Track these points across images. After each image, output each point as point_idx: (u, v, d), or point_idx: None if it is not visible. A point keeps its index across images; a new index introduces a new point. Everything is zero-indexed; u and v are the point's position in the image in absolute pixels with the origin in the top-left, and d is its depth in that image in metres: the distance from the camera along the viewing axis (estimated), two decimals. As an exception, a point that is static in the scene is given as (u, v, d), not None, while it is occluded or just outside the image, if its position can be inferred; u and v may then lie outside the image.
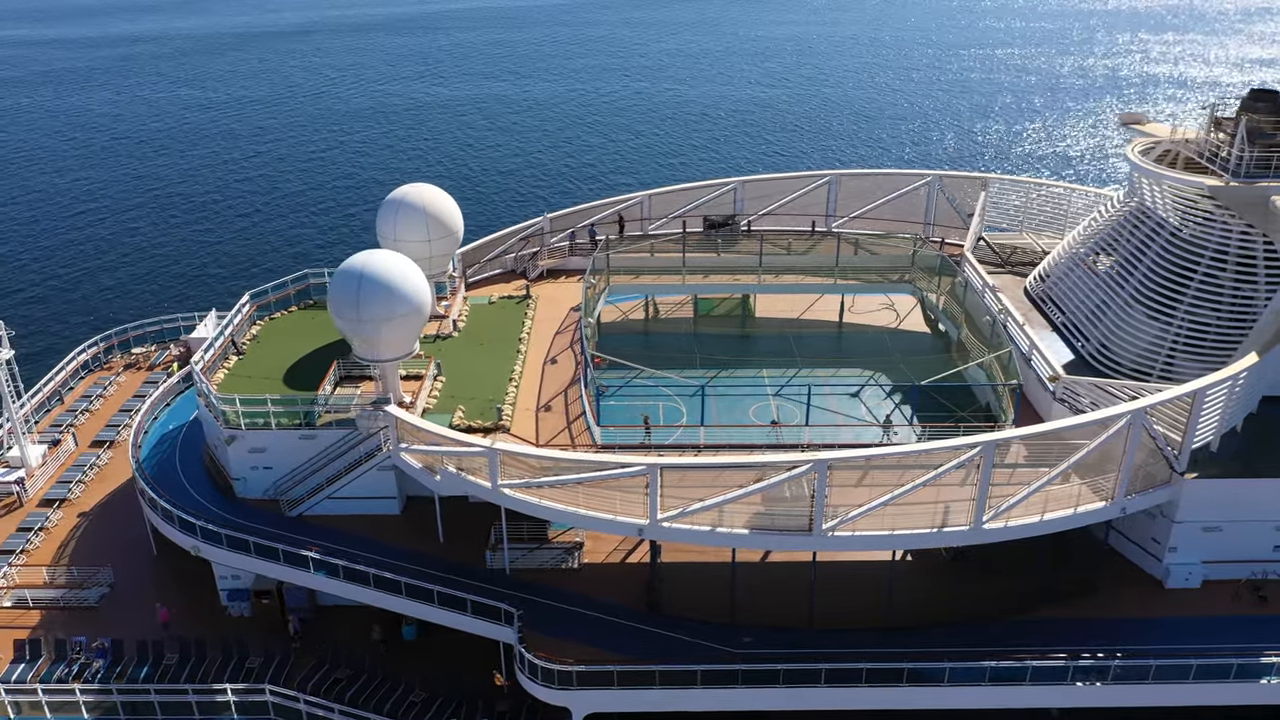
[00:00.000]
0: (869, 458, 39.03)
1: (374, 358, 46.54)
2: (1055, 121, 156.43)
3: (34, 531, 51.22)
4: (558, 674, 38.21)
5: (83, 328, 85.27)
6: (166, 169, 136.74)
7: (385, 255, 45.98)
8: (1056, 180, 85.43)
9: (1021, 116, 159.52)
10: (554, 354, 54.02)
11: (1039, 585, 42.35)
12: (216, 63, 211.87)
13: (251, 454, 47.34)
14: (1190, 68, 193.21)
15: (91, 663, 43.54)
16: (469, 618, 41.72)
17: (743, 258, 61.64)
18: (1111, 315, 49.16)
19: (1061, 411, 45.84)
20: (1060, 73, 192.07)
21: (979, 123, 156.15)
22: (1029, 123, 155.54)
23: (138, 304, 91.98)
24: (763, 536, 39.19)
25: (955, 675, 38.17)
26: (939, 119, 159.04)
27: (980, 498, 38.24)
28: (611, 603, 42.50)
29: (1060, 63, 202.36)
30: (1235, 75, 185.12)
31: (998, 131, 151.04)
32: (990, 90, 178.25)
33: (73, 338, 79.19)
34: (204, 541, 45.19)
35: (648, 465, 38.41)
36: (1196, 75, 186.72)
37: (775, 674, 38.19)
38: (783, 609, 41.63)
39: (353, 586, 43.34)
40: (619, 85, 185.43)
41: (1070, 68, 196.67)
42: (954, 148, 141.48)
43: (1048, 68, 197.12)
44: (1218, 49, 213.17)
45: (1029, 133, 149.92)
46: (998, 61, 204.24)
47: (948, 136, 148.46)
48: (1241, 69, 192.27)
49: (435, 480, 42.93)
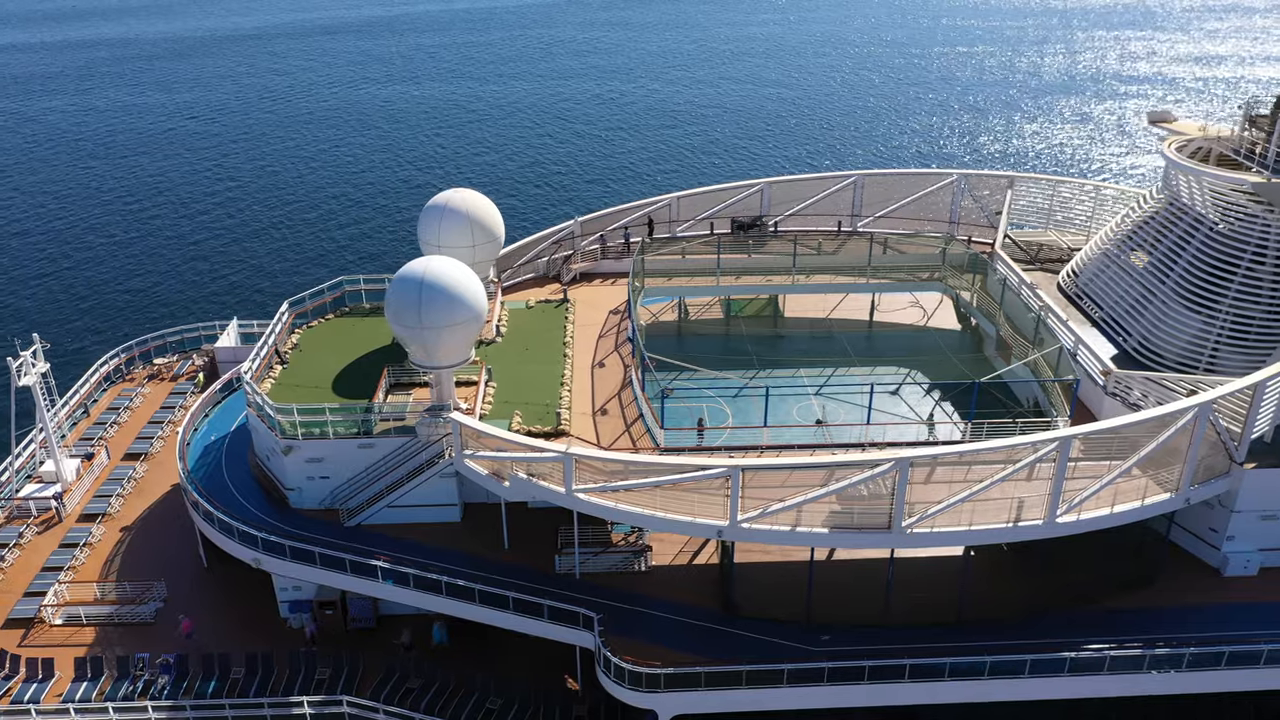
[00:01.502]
0: (951, 455, 39.49)
1: (431, 365, 46.25)
2: (1071, 119, 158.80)
3: (79, 547, 50.42)
4: (645, 677, 38.32)
5: (101, 339, 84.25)
6: (172, 176, 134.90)
7: (445, 261, 45.74)
8: (1079, 178, 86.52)
9: (1040, 115, 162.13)
10: (600, 358, 54.06)
11: (1099, 577, 43.16)
12: (221, 66, 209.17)
13: (308, 464, 46.94)
14: (1198, 67, 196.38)
15: (157, 679, 42.96)
16: (545, 623, 41.67)
17: (774, 258, 62.09)
18: (1153, 311, 50.17)
19: (1113, 406, 46.76)
20: (1074, 71, 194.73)
21: (997, 121, 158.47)
22: (1047, 121, 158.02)
23: (155, 314, 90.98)
24: (841, 535, 39.56)
25: (1035, 667, 38.78)
26: (957, 117, 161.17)
27: (1055, 491, 38.90)
28: (684, 604, 42.69)
29: (1072, 61, 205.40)
30: (1225, 72, 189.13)
31: (1016, 130, 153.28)
32: (1004, 89, 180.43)
33: (91, 349, 78.23)
34: (266, 554, 44.73)
35: (729, 467, 38.64)
36: (1202, 74, 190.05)
37: (860, 670, 38.58)
38: (855, 607, 42.07)
39: (424, 595, 43.16)
40: (636, 87, 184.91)
41: (1083, 65, 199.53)
42: (972, 147, 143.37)
43: (1062, 66, 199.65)
44: (1215, 45, 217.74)
45: (1047, 131, 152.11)
46: (1007, 60, 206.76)
47: (966, 135, 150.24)
48: (1244, 64, 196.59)
49: (503, 486, 42.85)
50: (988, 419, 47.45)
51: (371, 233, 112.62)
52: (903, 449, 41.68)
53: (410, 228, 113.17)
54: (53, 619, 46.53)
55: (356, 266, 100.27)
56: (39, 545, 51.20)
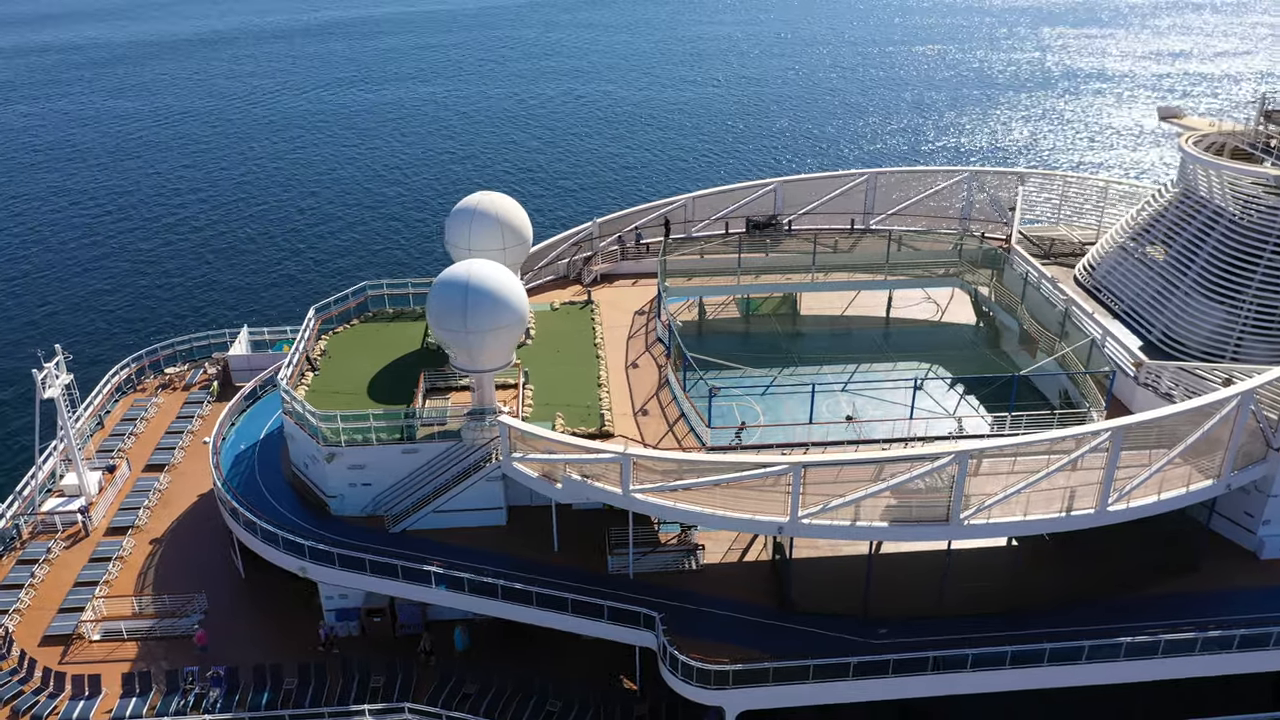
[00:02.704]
0: (1011, 447, 40.13)
1: (474, 368, 46.12)
2: (1075, 117, 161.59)
3: (111, 561, 49.61)
4: (713, 674, 38.54)
5: (109, 349, 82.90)
6: (173, 184, 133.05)
7: (488, 265, 45.65)
8: (1087, 174, 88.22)
9: (1053, 111, 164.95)
10: (632, 358, 54.18)
11: (1141, 564, 44.12)
12: (225, 69, 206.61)
13: (351, 470, 46.58)
14: (1194, 64, 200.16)
15: (208, 692, 42.40)
16: (604, 624, 41.74)
17: (791, 256, 62.61)
18: (1176, 302, 51.30)
19: (1146, 396, 47.79)
20: (1076, 68, 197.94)
21: (1012, 119, 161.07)
22: (1057, 118, 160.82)
23: (161, 324, 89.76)
24: (900, 529, 40.07)
25: (1093, 653, 39.56)
26: (971, 114, 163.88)
27: (1107, 480, 39.72)
28: (738, 601, 42.98)
29: (1079, 57, 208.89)
30: (1222, 68, 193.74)
31: (1026, 127, 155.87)
32: (1009, 86, 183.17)
33: (101, 360, 76.85)
34: (313, 562, 44.32)
35: (791, 464, 38.99)
36: (1201, 70, 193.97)
37: (924, 661, 39.11)
38: (907, 599, 42.62)
39: (478, 599, 43.02)
40: (645, 88, 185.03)
41: (1087, 63, 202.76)
42: (980, 144, 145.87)
43: (1069, 64, 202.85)
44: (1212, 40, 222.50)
45: (1057, 128, 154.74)
46: (1012, 58, 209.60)
47: (976, 133, 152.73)
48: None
49: (555, 488, 42.85)
50: (1020, 412, 48.26)
51: (378, 238, 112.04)
52: (956, 442, 42.28)
53: (417, 232, 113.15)
54: (91, 634, 45.72)
55: (363, 272, 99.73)
56: (68, 560, 50.28)
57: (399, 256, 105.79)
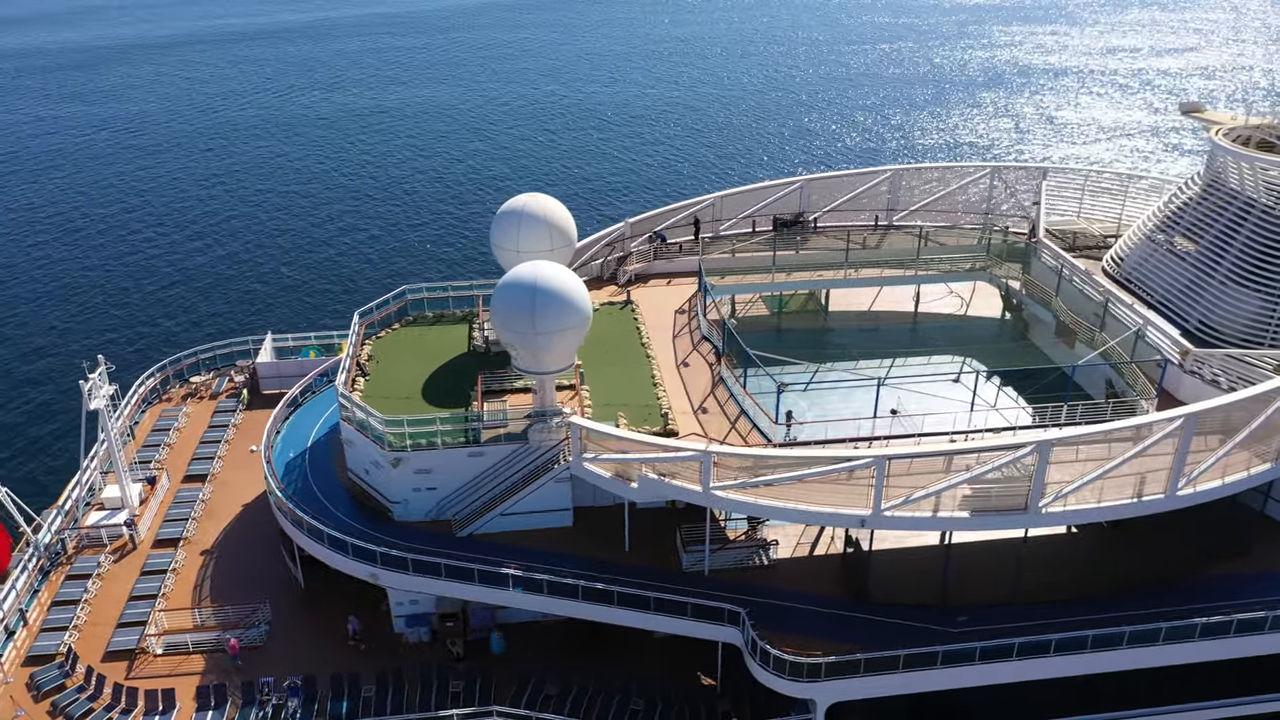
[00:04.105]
0: (1088, 436, 40.97)
1: (538, 370, 46.11)
2: (1094, 111, 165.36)
3: (166, 574, 48.85)
4: (806, 667, 38.95)
5: (131, 359, 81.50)
6: (181, 188, 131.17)
7: (552, 266, 45.66)
8: (1106, 168, 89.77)
9: (1069, 106, 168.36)
10: (682, 357, 54.37)
11: (1197, 549, 45.30)
12: (227, 70, 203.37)
13: (416, 475, 46.31)
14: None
15: (286, 702, 41.94)
16: (688, 621, 41.96)
17: (821, 253, 63.21)
18: (1210, 292, 52.66)
19: (1193, 383, 49.03)
20: (1091, 66, 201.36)
21: (1030, 113, 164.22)
22: (1074, 113, 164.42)
23: (182, 332, 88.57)
24: (979, 518, 40.76)
25: (1170, 634, 40.60)
26: (989, 110, 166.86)
27: (1177, 466, 40.75)
28: (813, 594, 43.47)
29: (1087, 55, 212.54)
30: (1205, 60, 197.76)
31: (1046, 122, 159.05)
32: (1020, 81, 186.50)
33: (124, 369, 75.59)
34: (385, 568, 44.01)
35: (875, 457, 39.51)
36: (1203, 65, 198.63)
37: (1010, 648, 39.85)
38: (980, 587, 43.39)
39: (557, 600, 43.02)
40: (659, 86, 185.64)
41: (1091, 60, 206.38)
42: (999, 139, 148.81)
43: (1080, 61, 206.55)
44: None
45: (1077, 122, 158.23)
46: (1022, 55, 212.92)
47: (996, 130, 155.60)
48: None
49: (630, 488, 42.96)
50: (1058, 403, 48.88)
51: (388, 242, 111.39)
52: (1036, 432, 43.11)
53: (429, 237, 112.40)
54: (155, 648, 44.97)
55: (369, 277, 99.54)
56: (117, 574, 49.43)
57: (413, 260, 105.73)
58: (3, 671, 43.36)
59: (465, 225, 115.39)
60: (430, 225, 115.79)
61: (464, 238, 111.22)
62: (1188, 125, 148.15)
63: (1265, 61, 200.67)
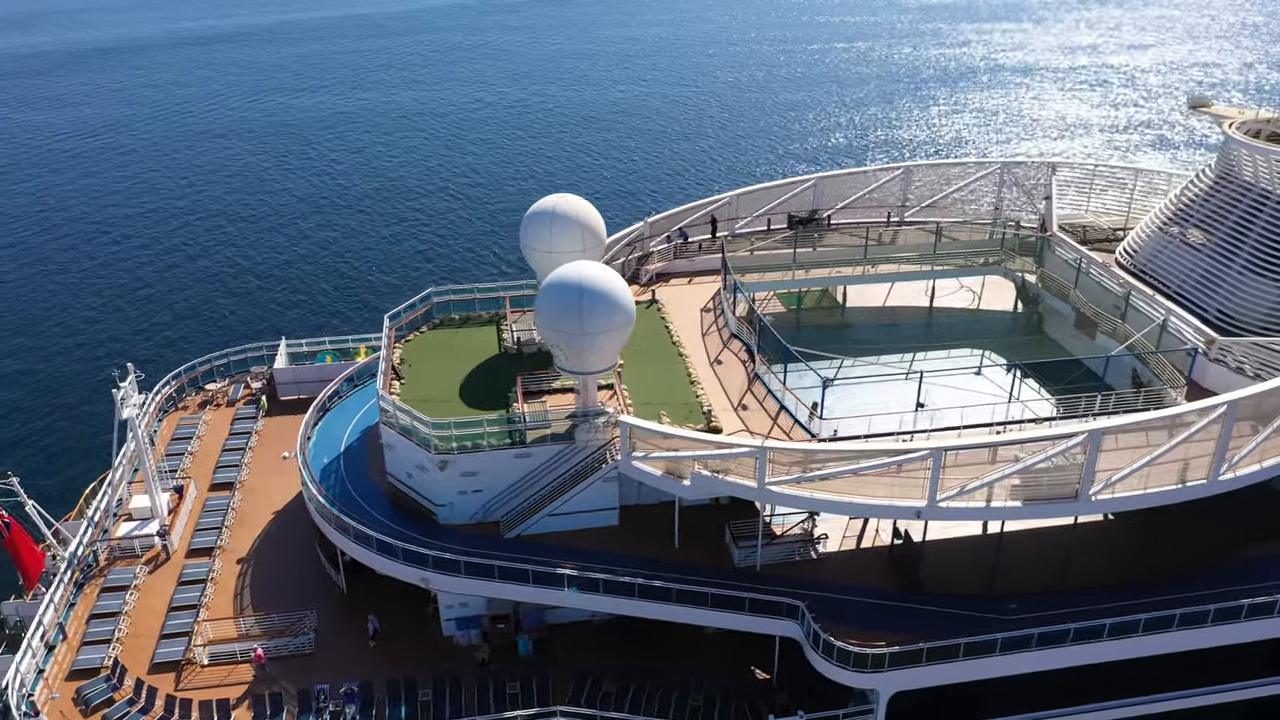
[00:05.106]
0: (1137, 424, 41.82)
1: (581, 370, 46.15)
2: (1100, 106, 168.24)
3: (205, 584, 48.29)
4: (870, 658, 39.41)
5: (144, 367, 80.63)
6: (185, 194, 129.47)
7: (596, 266, 45.74)
8: (1109, 162, 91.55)
9: (1079, 101, 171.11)
10: (714, 355, 54.65)
11: (1234, 532, 46.42)
12: (232, 72, 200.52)
13: (463, 478, 46.16)
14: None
15: (343, 709, 41.66)
16: (747, 616, 42.25)
17: (842, 250, 63.80)
18: (1228, 282, 53.91)
19: (1219, 371, 50.17)
20: (1095, 62, 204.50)
21: (1037, 111, 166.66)
22: (1081, 108, 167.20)
23: (193, 339, 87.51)
24: (1031, 507, 41.47)
25: (1218, 615, 41.58)
26: (998, 105, 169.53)
27: (1220, 452, 41.75)
28: (865, 586, 43.96)
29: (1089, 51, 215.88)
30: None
31: (1054, 117, 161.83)
32: (1027, 79, 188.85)
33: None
34: (437, 571, 43.84)
35: (931, 449, 40.06)
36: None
37: (1065, 634, 40.59)
38: (1028, 575, 44.15)
39: (613, 599, 43.12)
40: (665, 86, 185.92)
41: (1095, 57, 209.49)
42: (1017, 136, 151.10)
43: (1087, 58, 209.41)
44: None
45: (1091, 117, 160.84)
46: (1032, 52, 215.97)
47: (1003, 126, 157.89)
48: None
49: (682, 485, 43.16)
50: (1092, 393, 49.76)
51: (393, 246, 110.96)
52: (1086, 421, 43.90)
53: (435, 239, 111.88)
54: (200, 659, 44.45)
55: (386, 280, 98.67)
56: (153, 585, 48.84)
57: (417, 262, 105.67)
58: (48, 686, 42.61)
59: (475, 226, 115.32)
60: (436, 228, 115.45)
61: (476, 240, 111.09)
62: (1184, 120, 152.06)
63: (1265, 56, 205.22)
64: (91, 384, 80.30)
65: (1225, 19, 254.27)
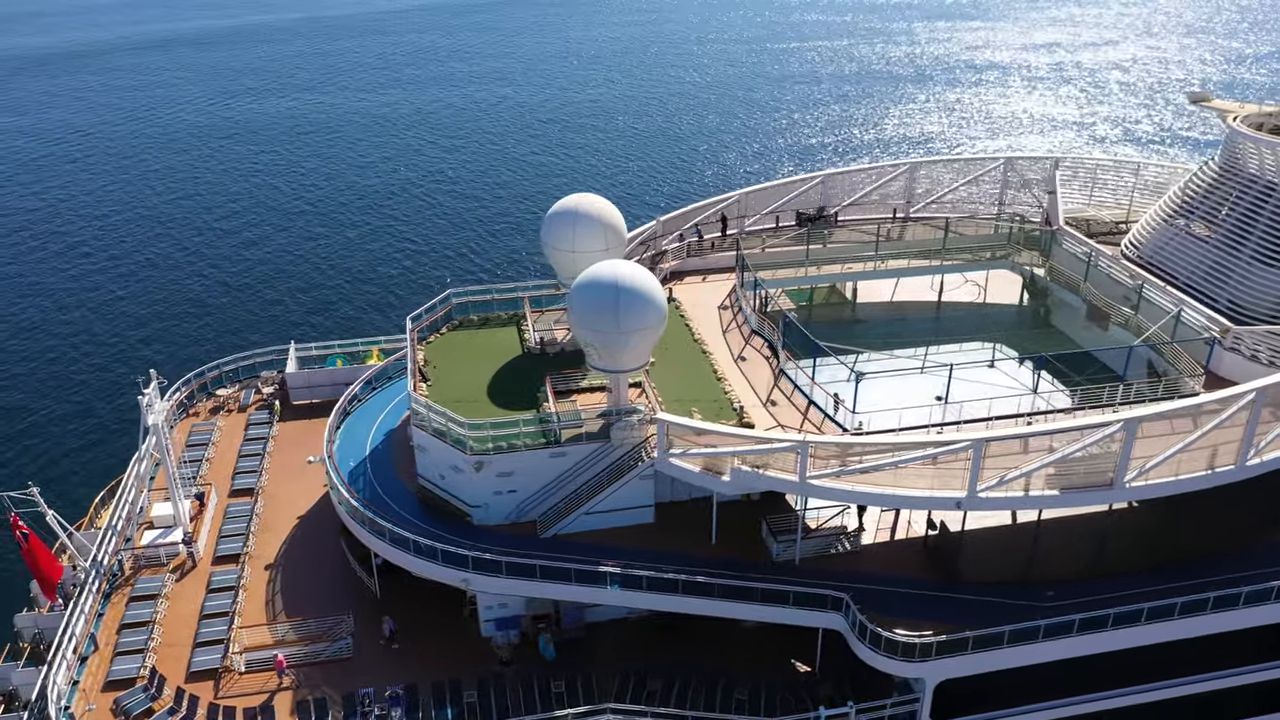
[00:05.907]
0: (1174, 411, 42.62)
1: (614, 368, 46.26)
2: (1102, 102, 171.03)
3: (236, 590, 47.83)
4: (918, 647, 39.88)
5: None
6: (188, 199, 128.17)
7: (629, 265, 45.88)
8: (1111, 156, 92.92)
9: (1088, 98, 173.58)
10: (736, 351, 54.92)
11: (1260, 517, 47.47)
12: (234, 75, 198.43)
13: (498, 478, 46.09)
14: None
15: (389, 712, 41.45)
16: (790, 609, 42.56)
17: (853, 246, 64.38)
18: (1237, 273, 55.04)
19: (1234, 360, 51.27)
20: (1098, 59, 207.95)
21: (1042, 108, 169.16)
22: (1085, 104, 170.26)
23: (200, 345, 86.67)
24: (1068, 495, 42.16)
25: (1250, 598, 42.50)
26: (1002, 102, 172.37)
27: (1248, 437, 42.70)
28: (903, 577, 44.45)
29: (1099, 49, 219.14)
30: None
31: (1057, 113, 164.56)
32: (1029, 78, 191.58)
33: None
34: (477, 572, 43.75)
35: (972, 440, 40.60)
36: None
37: (1105, 619, 41.30)
38: (1061, 562, 44.88)
39: (655, 596, 43.25)
40: (681, 84, 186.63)
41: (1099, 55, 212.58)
42: (1018, 131, 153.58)
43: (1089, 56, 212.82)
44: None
45: (1085, 112, 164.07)
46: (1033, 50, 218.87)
47: (1007, 122, 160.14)
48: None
49: (721, 481, 43.41)
50: (1114, 383, 50.72)
51: (396, 248, 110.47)
52: (1121, 410, 44.66)
53: (440, 241, 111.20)
54: (236, 667, 44.04)
55: (395, 283, 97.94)
56: (181, 593, 48.35)
57: (422, 264, 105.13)
58: (85, 698, 42.02)
59: (486, 227, 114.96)
60: (442, 229, 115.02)
61: (487, 241, 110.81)
62: (1182, 114, 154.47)
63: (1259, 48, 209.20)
64: (98, 390, 79.33)
65: (1225, 18, 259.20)
